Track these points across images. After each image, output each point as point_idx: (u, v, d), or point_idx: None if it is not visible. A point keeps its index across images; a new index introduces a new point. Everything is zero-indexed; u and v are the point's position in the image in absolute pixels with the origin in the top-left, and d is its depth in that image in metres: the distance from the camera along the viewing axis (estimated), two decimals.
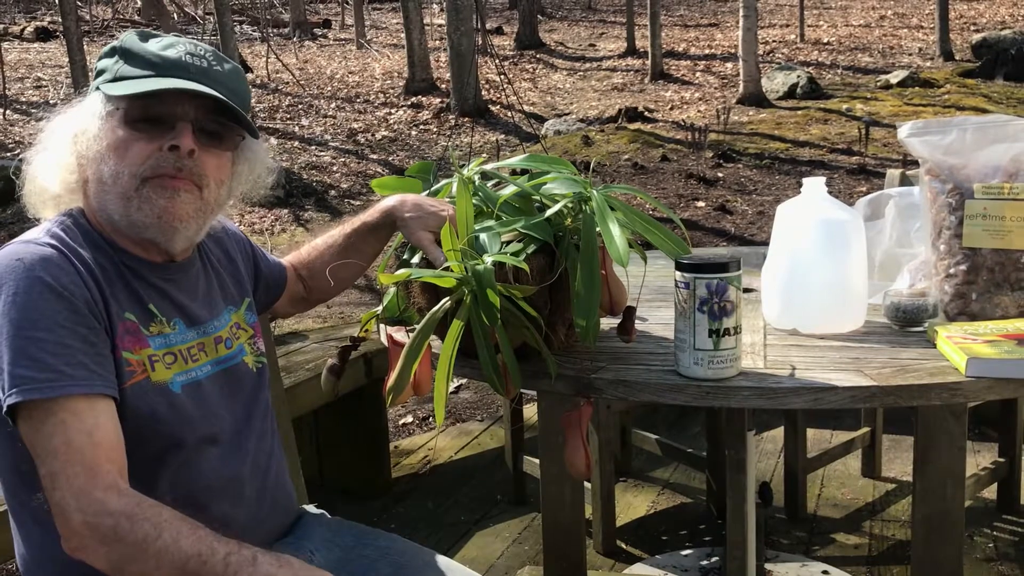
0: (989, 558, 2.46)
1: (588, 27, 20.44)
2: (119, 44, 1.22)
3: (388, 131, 11.23)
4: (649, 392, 1.32)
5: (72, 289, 1.10)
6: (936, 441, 1.97)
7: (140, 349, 1.17)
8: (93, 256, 1.17)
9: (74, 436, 1.04)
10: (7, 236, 7.58)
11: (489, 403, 3.85)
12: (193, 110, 1.18)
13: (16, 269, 1.09)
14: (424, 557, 1.38)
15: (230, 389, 1.28)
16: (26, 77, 13.92)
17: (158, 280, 1.23)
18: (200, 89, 1.17)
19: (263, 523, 1.30)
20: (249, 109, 1.27)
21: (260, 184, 1.33)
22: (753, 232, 6.72)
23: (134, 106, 1.17)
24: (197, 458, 1.20)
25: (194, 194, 1.20)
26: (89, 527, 1.02)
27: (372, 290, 5.59)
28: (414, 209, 1.42)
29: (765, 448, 3.22)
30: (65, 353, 1.07)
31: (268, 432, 1.35)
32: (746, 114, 10.97)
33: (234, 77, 1.24)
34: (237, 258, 1.42)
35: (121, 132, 1.17)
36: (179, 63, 1.19)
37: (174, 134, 1.17)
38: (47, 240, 1.15)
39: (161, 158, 1.16)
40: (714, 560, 2.50)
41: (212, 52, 1.23)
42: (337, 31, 20.96)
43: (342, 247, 1.51)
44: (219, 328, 1.30)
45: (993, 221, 1.49)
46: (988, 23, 16.53)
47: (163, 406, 1.17)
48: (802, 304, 1.55)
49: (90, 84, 1.24)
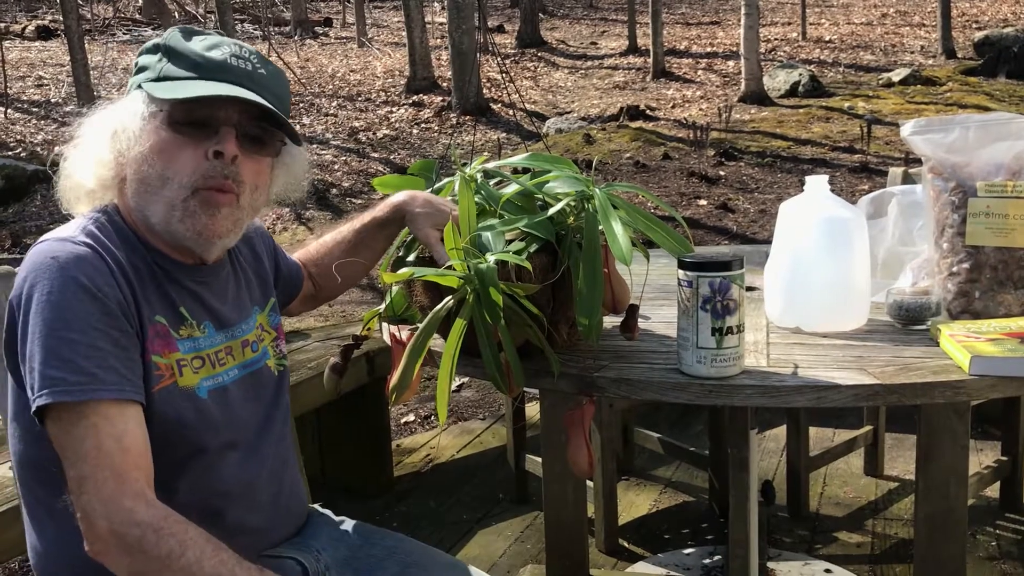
0: (992, 557, 2.46)
1: (589, 25, 20.43)
2: (163, 42, 1.20)
3: (389, 129, 11.23)
4: (652, 390, 1.32)
5: (106, 291, 1.09)
6: (939, 439, 1.97)
7: (169, 353, 1.16)
8: (127, 256, 1.16)
9: (104, 441, 1.04)
10: (9, 235, 7.58)
11: (491, 402, 3.85)
12: (237, 115, 1.17)
13: (51, 267, 1.08)
14: (431, 556, 1.38)
15: (253, 393, 1.28)
16: (27, 76, 13.93)
17: (190, 283, 1.22)
18: (248, 97, 1.15)
19: (276, 529, 1.31)
20: (289, 112, 1.26)
21: (295, 187, 1.32)
22: (755, 231, 6.72)
23: (178, 109, 1.15)
24: (218, 463, 1.20)
25: (233, 206, 1.18)
26: (115, 535, 1.02)
27: (374, 289, 5.59)
28: (424, 205, 1.41)
29: (767, 447, 3.21)
30: (97, 356, 1.06)
31: (285, 437, 1.35)
32: (748, 112, 10.96)
33: (277, 80, 1.23)
34: (263, 256, 1.41)
35: (164, 134, 1.15)
36: (224, 65, 1.17)
37: (218, 139, 1.15)
38: (83, 239, 1.13)
39: (210, 167, 1.15)
40: (716, 559, 2.50)
41: (256, 54, 1.22)
42: (338, 29, 20.96)
43: (352, 243, 1.50)
44: (247, 331, 1.30)
45: (996, 219, 1.49)
46: (990, 21, 16.51)
47: (190, 411, 1.16)
48: (805, 302, 1.55)
49: (131, 80, 1.22)
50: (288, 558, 1.28)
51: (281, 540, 1.32)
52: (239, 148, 1.17)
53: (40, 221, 8.06)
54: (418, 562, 1.35)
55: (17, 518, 1.29)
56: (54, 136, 10.78)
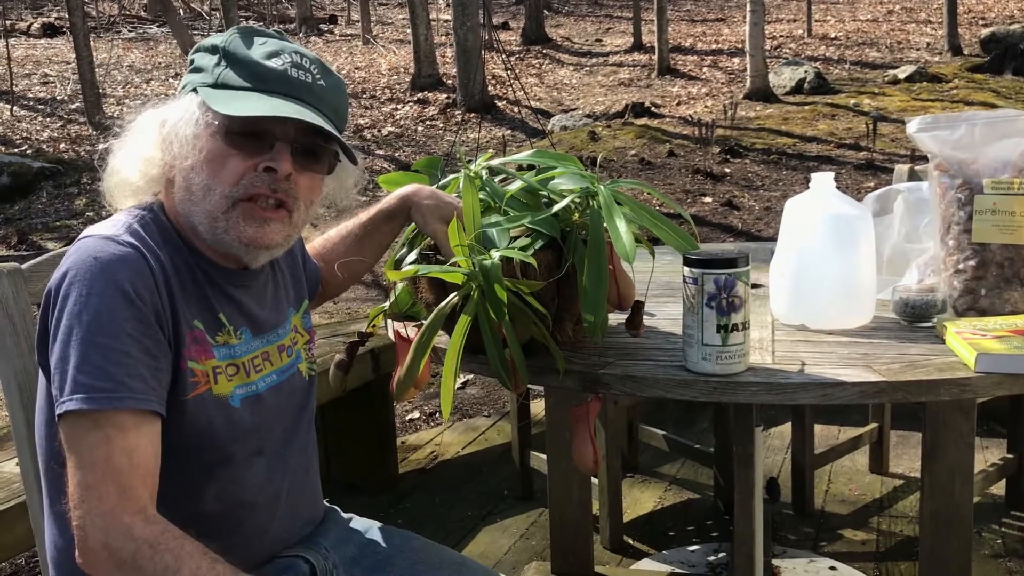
0: (997, 554, 2.45)
1: (594, 22, 20.41)
2: (224, 44, 1.17)
3: (394, 127, 11.24)
4: (657, 388, 1.32)
5: (144, 296, 1.08)
6: (944, 437, 1.97)
7: (205, 360, 1.15)
8: (170, 257, 1.14)
9: (115, 453, 1.03)
10: (15, 232, 7.60)
11: (496, 399, 3.85)
12: (293, 130, 1.15)
13: (92, 268, 1.07)
14: (439, 554, 1.38)
15: (285, 400, 1.27)
16: (33, 73, 13.96)
17: (231, 288, 1.21)
18: (309, 120, 1.12)
19: (293, 535, 1.30)
20: (346, 124, 1.24)
21: (344, 194, 1.31)
22: (760, 228, 6.71)
23: (234, 121, 1.12)
24: (245, 473, 1.19)
25: (284, 221, 1.17)
26: (108, 549, 1.01)
27: (379, 286, 5.59)
28: (431, 198, 1.40)
29: (773, 444, 3.21)
30: (127, 363, 1.05)
31: (311, 444, 1.34)
32: (753, 109, 10.95)
33: (336, 92, 1.20)
34: (297, 254, 1.40)
35: (218, 144, 1.13)
36: (284, 77, 1.14)
37: (272, 155, 1.13)
38: (127, 238, 1.11)
39: (256, 178, 1.13)
40: (721, 556, 2.50)
41: (317, 64, 1.19)
42: (343, 27, 20.96)
43: (358, 237, 1.48)
44: (283, 336, 1.28)
45: (1003, 216, 1.49)
46: (996, 18, 16.46)
47: (220, 419, 1.15)
48: (810, 300, 1.55)
49: (184, 77, 1.20)
50: (296, 557, 1.28)
51: (294, 543, 1.32)
52: (293, 166, 1.15)
53: (46, 218, 8.08)
54: (426, 560, 1.35)
55: (23, 515, 1.30)
56: (60, 134, 10.80)
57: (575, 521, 2.33)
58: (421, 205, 1.40)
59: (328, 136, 1.17)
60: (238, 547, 1.16)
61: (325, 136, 1.17)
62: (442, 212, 1.38)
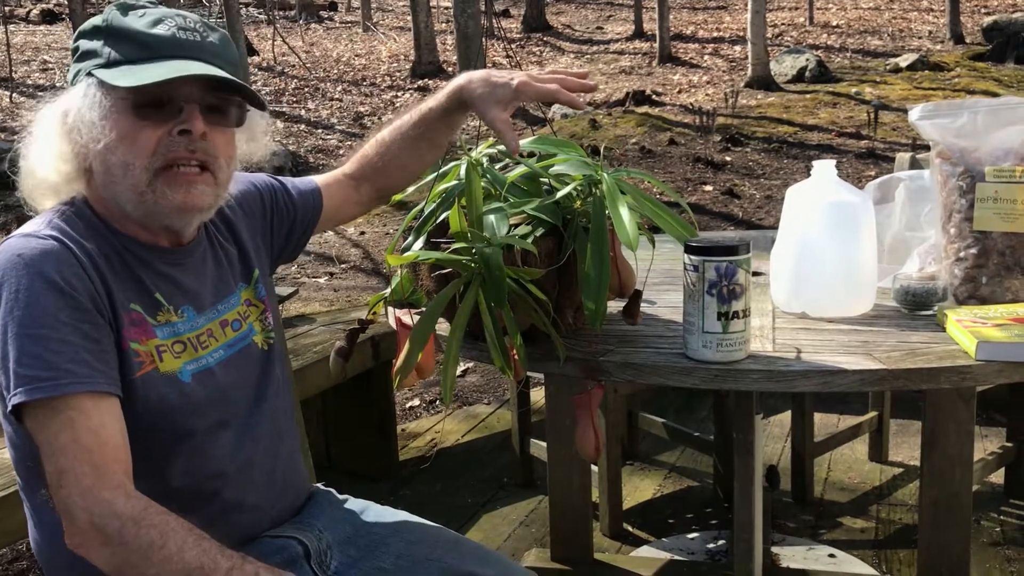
0: (996, 542, 2.46)
1: (595, 9, 20.34)
2: (102, 23, 1.17)
3: (394, 114, 11.21)
4: (658, 375, 1.32)
5: (75, 284, 1.09)
6: (944, 425, 1.97)
7: (147, 340, 1.16)
8: (97, 245, 1.15)
9: (81, 434, 1.04)
10: (15, 219, 7.59)
11: (496, 386, 3.85)
12: (198, 90, 1.16)
13: (17, 265, 1.08)
14: (436, 533, 1.38)
15: (241, 372, 1.27)
16: (32, 60, 13.91)
17: (165, 267, 1.21)
18: (213, 74, 1.14)
19: (274, 505, 1.30)
20: (245, 77, 1.24)
21: (257, 149, 1.30)
22: (761, 216, 6.70)
23: (139, 93, 1.13)
24: (209, 445, 1.20)
25: (210, 183, 1.18)
26: (95, 527, 1.02)
27: (379, 273, 5.59)
28: (483, 84, 1.34)
29: (772, 432, 3.22)
30: (68, 350, 1.05)
31: (280, 411, 1.34)
32: (754, 97, 10.92)
33: (225, 45, 1.21)
34: (239, 227, 1.37)
35: (127, 119, 1.13)
36: (173, 41, 1.15)
37: (183, 117, 1.14)
38: (48, 232, 1.12)
39: (171, 143, 1.14)
40: (721, 543, 2.51)
41: (200, 22, 1.20)
42: (343, 13, 20.89)
43: (412, 138, 1.43)
44: (224, 311, 1.29)
45: (1004, 204, 1.48)
46: (999, 6, 16.40)
47: (173, 396, 1.16)
48: (811, 287, 1.55)
49: (72, 67, 1.20)
50: (289, 538, 1.28)
51: (282, 516, 1.32)
52: (205, 124, 1.16)
53: None
54: (423, 539, 1.35)
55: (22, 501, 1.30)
56: None
57: (575, 508, 2.33)
58: (474, 97, 1.34)
59: (232, 88, 1.18)
60: (218, 521, 1.16)
61: (229, 89, 1.18)
62: (498, 96, 1.32)
